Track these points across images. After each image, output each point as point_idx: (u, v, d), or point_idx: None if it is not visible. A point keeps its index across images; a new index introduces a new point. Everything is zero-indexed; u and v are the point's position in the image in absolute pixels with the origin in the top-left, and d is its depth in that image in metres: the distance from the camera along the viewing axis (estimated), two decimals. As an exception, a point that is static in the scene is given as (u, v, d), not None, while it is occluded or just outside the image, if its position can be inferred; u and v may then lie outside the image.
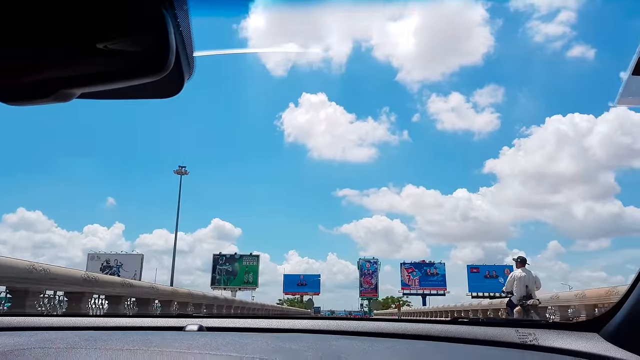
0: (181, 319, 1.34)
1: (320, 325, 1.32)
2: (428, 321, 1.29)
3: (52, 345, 0.85)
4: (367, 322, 1.31)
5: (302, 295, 68.39)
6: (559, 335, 1.12)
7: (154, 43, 0.43)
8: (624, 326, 1.04)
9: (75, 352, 0.82)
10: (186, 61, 0.48)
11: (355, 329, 1.26)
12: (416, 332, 1.23)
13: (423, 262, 63.22)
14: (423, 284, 60.97)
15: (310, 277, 70.26)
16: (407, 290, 62.33)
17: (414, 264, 62.99)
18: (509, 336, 1.14)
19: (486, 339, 1.15)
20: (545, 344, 1.09)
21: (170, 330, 1.23)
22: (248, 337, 1.10)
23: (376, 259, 68.30)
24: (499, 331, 1.18)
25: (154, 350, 0.84)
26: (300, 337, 1.15)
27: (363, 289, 66.81)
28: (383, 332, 1.24)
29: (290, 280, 69.87)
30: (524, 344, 1.10)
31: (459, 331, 1.21)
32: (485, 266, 59.31)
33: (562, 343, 1.08)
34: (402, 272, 62.56)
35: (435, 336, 1.19)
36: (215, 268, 58.74)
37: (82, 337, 0.98)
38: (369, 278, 66.13)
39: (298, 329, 1.28)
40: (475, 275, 58.00)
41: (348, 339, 1.14)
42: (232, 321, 1.35)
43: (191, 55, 0.49)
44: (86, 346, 0.87)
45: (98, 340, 0.92)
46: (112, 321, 1.35)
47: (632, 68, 0.89)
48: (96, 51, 0.43)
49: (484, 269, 58.68)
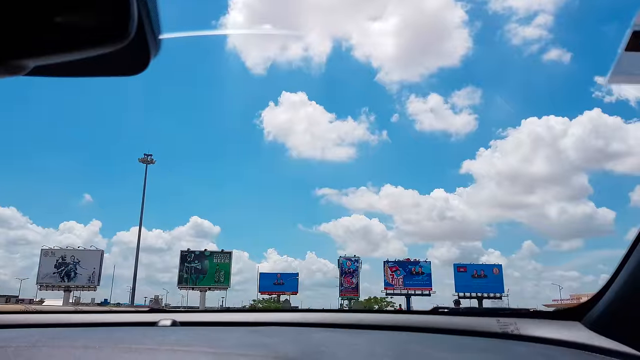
0: (154, 314, 1.35)
1: (298, 318, 1.33)
2: (408, 312, 1.31)
3: (10, 344, 0.80)
4: (346, 314, 1.34)
5: (279, 294, 68.46)
6: (540, 325, 1.16)
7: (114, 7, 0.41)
8: (606, 314, 1.08)
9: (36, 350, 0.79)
10: (151, 35, 0.46)
11: (335, 321, 1.29)
12: (397, 323, 1.27)
13: (407, 261, 63.62)
14: (407, 283, 61.24)
15: (287, 276, 70.39)
16: (390, 290, 62.47)
17: (397, 263, 63.36)
18: (490, 326, 1.19)
19: (467, 329, 1.20)
20: (527, 333, 1.14)
21: (141, 326, 1.24)
22: (223, 331, 1.14)
23: (357, 257, 68.43)
24: (480, 321, 1.23)
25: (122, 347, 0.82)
26: (278, 330, 1.16)
27: (343, 289, 66.85)
28: (363, 324, 1.27)
29: (266, 279, 69.83)
30: (505, 334, 1.15)
31: (439, 321, 1.26)
32: (473, 265, 60.12)
33: (544, 332, 1.12)
34: (385, 271, 62.67)
35: (416, 327, 1.23)
36: (184, 266, 57.25)
37: (45, 335, 0.95)
38: (349, 277, 66.32)
39: (276, 322, 1.28)
40: (462, 274, 58.69)
41: (328, 332, 1.17)
42: (207, 315, 1.39)
43: (157, 29, 0.47)
44: (49, 344, 0.84)
45: (62, 338, 0.91)
46: (78, 317, 1.35)
47: (625, 44, 0.91)
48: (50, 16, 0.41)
49: (471, 268, 59.47)
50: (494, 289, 58.26)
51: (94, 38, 0.43)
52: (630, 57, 0.89)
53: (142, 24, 0.43)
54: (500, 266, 60.36)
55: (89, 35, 0.42)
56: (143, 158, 34.68)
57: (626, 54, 0.89)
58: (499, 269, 59.64)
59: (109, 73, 0.51)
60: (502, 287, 58.70)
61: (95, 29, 0.42)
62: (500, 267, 60.06)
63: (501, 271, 59.53)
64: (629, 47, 0.88)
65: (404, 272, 61.96)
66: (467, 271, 58.89)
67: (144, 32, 0.44)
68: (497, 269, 59.62)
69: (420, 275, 61.97)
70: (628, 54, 0.89)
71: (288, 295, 66.59)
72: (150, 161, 34.63)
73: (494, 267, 59.80)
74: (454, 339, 1.12)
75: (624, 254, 1.06)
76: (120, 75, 0.50)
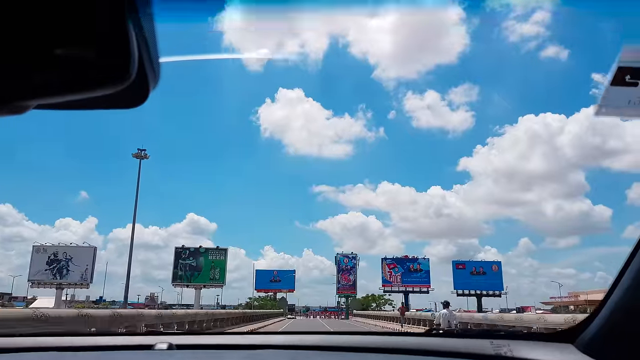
0: (150, 337, 1.37)
1: (294, 340, 1.37)
2: (402, 334, 1.40)
3: None
4: (341, 336, 1.38)
5: (276, 292, 68.11)
6: (533, 347, 1.20)
7: (115, 51, 0.42)
8: (598, 337, 1.11)
9: None
10: (151, 69, 0.47)
11: (330, 344, 1.33)
12: (392, 345, 1.31)
13: (406, 258, 63.43)
14: (406, 280, 61.12)
15: (284, 273, 70.00)
16: (388, 287, 62.41)
17: (395, 260, 63.05)
18: (483, 348, 1.22)
19: (461, 350, 1.23)
20: (520, 356, 1.17)
21: (138, 350, 1.28)
22: (220, 355, 1.19)
23: (355, 254, 68.43)
24: (474, 343, 1.26)
25: None
26: (274, 354, 1.21)
27: (341, 286, 66.96)
28: (358, 347, 1.30)
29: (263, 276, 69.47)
30: (498, 356, 1.18)
31: (434, 343, 1.29)
32: (472, 262, 60.17)
33: (536, 354, 1.16)
34: (383, 268, 62.52)
35: (411, 349, 1.27)
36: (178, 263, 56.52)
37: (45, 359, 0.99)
38: (347, 274, 66.24)
39: (272, 344, 1.32)
40: (461, 271, 58.51)
41: (323, 355, 1.23)
42: (203, 338, 1.41)
43: (157, 63, 0.48)
44: None
45: None
46: (78, 340, 1.38)
47: (611, 79, 0.96)
48: (52, 60, 0.42)
49: (470, 265, 59.37)
50: (493, 286, 58.18)
51: (96, 80, 0.43)
52: (615, 92, 0.96)
53: (142, 62, 0.44)
54: (499, 263, 60.04)
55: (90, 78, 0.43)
56: (137, 153, 34.62)
57: (612, 88, 0.95)
58: (498, 266, 59.42)
59: (108, 106, 0.52)
60: (502, 285, 58.62)
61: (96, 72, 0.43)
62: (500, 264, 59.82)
63: (500, 268, 59.34)
64: (614, 81, 0.94)
65: (402, 269, 61.81)
66: (466, 268, 58.72)
67: (144, 69, 0.45)
68: (496, 266, 59.38)
69: (418, 273, 61.81)
70: (614, 88, 0.95)
71: (285, 292, 66.54)
72: (144, 156, 34.55)
73: (493, 264, 59.64)
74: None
75: (615, 276, 1.10)
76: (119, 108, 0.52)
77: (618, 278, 1.08)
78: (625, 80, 0.95)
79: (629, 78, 0.95)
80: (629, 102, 0.97)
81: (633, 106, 0.97)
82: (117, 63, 0.42)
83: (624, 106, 0.97)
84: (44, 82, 0.44)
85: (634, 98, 0.96)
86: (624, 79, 0.95)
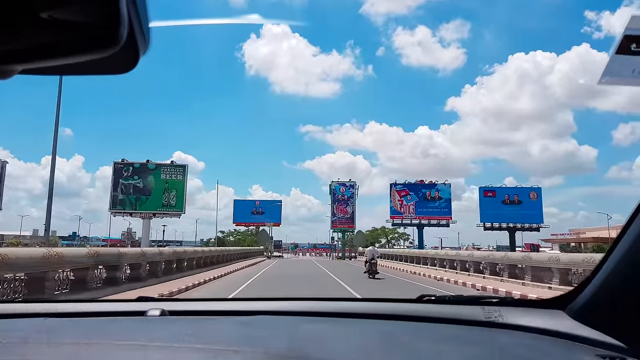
0: (142, 303, 1.64)
1: (287, 306, 1.65)
2: (394, 300, 1.66)
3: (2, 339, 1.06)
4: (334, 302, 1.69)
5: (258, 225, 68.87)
6: (524, 313, 1.46)
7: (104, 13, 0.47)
8: (590, 304, 1.33)
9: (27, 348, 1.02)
10: (141, 33, 0.53)
11: (323, 310, 1.60)
12: (383, 311, 1.57)
13: (421, 183, 63.31)
14: (420, 211, 61.47)
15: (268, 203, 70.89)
16: (398, 219, 63.09)
17: (407, 185, 63.02)
18: (475, 314, 1.48)
19: (453, 317, 1.48)
20: (511, 322, 1.42)
21: (130, 316, 1.52)
22: (214, 321, 1.43)
23: (354, 182, 69.04)
24: (466, 309, 1.53)
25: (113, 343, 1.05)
26: (267, 320, 1.45)
27: (336, 219, 67.23)
28: (351, 313, 1.57)
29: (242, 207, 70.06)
30: (489, 322, 1.44)
31: (425, 310, 1.56)
32: (504, 188, 60.01)
33: (527, 320, 1.40)
34: (391, 195, 62.73)
35: (403, 315, 1.53)
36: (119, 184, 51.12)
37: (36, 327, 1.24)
38: (343, 206, 66.82)
39: (264, 310, 1.58)
40: (490, 200, 58.82)
41: (316, 322, 1.46)
42: (197, 304, 1.67)
43: (147, 27, 0.54)
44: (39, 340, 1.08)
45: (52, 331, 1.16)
46: (69, 307, 1.61)
47: (616, 47, 1.12)
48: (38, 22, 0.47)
49: (501, 192, 59.21)
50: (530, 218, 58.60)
51: (84, 44, 0.49)
52: (620, 60, 1.15)
53: (132, 26, 0.50)
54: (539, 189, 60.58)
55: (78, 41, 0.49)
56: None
57: (617, 57, 1.13)
58: (537, 193, 59.77)
59: (97, 72, 0.59)
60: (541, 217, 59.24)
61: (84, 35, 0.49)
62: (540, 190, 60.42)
63: (540, 196, 59.79)
64: (620, 50, 1.13)
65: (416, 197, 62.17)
66: (497, 196, 58.82)
67: (133, 33, 0.51)
68: (535, 193, 59.60)
69: (437, 201, 62.23)
70: (618, 57, 1.13)
71: (269, 225, 66.96)
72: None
73: (531, 190, 59.83)
74: (440, 328, 1.42)
75: (610, 246, 1.31)
76: (109, 73, 0.58)
77: (613, 245, 1.29)
78: (631, 49, 1.14)
79: (634, 47, 1.14)
80: (633, 71, 1.16)
81: (638, 75, 1.17)
82: (107, 26, 0.47)
83: (629, 75, 1.17)
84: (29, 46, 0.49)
85: (638, 67, 1.16)
86: (629, 47, 1.14)
